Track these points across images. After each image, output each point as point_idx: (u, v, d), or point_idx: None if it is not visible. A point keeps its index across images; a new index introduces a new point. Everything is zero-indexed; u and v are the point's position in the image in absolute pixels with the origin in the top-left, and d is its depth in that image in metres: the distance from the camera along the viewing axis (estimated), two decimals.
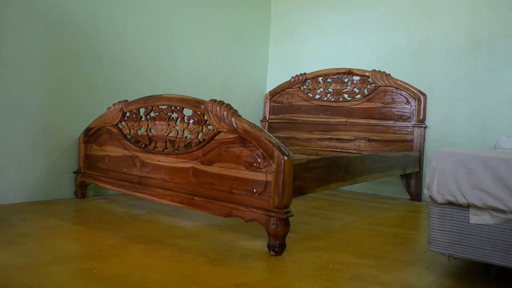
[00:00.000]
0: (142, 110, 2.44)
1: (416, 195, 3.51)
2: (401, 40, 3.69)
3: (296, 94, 4.18)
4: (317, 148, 3.90)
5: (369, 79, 3.76)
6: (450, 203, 1.51)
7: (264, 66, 4.54)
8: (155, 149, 2.32)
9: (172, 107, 2.25)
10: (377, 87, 3.71)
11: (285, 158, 1.78)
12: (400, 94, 3.60)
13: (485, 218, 1.44)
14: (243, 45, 4.21)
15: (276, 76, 4.45)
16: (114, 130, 2.54)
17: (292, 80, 4.19)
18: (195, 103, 2.09)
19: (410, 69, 3.63)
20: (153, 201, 2.39)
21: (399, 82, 3.60)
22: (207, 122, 2.06)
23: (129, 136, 2.49)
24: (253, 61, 4.36)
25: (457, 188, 1.47)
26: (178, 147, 2.21)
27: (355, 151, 3.70)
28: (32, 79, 2.58)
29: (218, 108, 1.99)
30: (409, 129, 3.54)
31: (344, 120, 3.84)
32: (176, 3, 3.48)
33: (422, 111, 3.50)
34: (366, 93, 3.76)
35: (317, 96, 4.07)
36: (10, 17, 2.47)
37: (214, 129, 2.03)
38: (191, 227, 2.23)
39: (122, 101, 2.52)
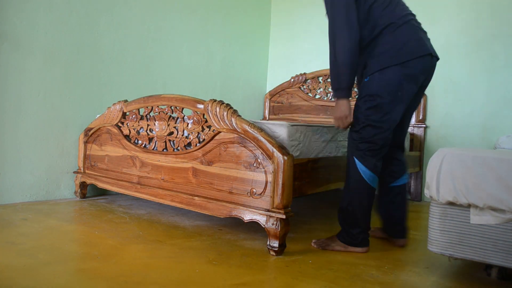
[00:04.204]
0: (142, 110, 2.44)
1: (416, 195, 3.51)
2: None
3: (296, 94, 4.18)
4: None
5: None
6: (451, 203, 1.51)
7: (264, 66, 4.54)
8: (154, 149, 2.32)
9: (172, 107, 2.25)
10: None
11: (285, 158, 1.78)
12: None
13: (486, 218, 1.44)
14: (243, 45, 4.21)
15: (276, 76, 4.45)
16: (114, 130, 2.54)
17: (292, 80, 4.19)
18: (195, 103, 2.09)
19: None
20: (153, 201, 2.39)
21: None
22: (207, 122, 2.06)
23: (129, 136, 2.49)
24: (253, 61, 4.36)
25: (457, 188, 1.47)
26: (178, 147, 2.21)
27: None
28: (31, 79, 2.58)
29: (218, 108, 1.99)
30: (409, 129, 3.54)
31: None
32: (176, 3, 3.48)
33: (422, 111, 3.50)
34: None
35: (317, 96, 4.07)
36: (10, 18, 2.46)
37: (213, 129, 2.03)
38: (191, 227, 2.22)
39: (122, 101, 2.52)
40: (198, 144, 2.10)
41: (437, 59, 1.96)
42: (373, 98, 1.84)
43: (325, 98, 4.00)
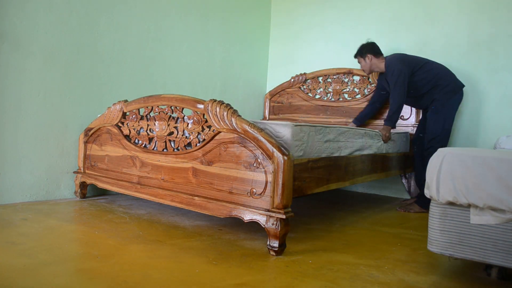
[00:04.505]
0: (142, 110, 2.44)
1: (415, 194, 3.50)
2: (401, 40, 3.69)
3: (296, 94, 4.18)
4: None
5: (369, 79, 3.76)
6: (451, 203, 1.51)
7: (264, 66, 4.54)
8: (154, 149, 2.32)
9: (172, 107, 2.25)
10: None
11: (285, 158, 1.78)
12: None
13: (486, 218, 1.44)
14: (243, 45, 4.20)
15: (276, 76, 4.45)
16: (114, 130, 2.54)
17: (292, 80, 4.19)
18: (195, 103, 2.09)
19: None
20: (153, 201, 2.39)
21: None
22: (207, 122, 2.06)
23: (129, 136, 2.49)
24: (253, 61, 4.36)
25: (457, 188, 1.47)
26: (178, 147, 2.21)
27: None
28: (31, 79, 2.58)
29: (218, 108, 1.99)
30: (409, 129, 3.54)
31: (344, 120, 3.83)
32: (176, 3, 3.48)
33: (422, 111, 3.49)
34: (366, 93, 3.76)
35: (317, 96, 4.07)
36: (10, 17, 2.47)
37: (214, 129, 2.03)
38: (191, 227, 2.22)
39: (122, 101, 2.52)
40: (198, 144, 2.10)
41: None
42: None
43: (325, 98, 3.99)
